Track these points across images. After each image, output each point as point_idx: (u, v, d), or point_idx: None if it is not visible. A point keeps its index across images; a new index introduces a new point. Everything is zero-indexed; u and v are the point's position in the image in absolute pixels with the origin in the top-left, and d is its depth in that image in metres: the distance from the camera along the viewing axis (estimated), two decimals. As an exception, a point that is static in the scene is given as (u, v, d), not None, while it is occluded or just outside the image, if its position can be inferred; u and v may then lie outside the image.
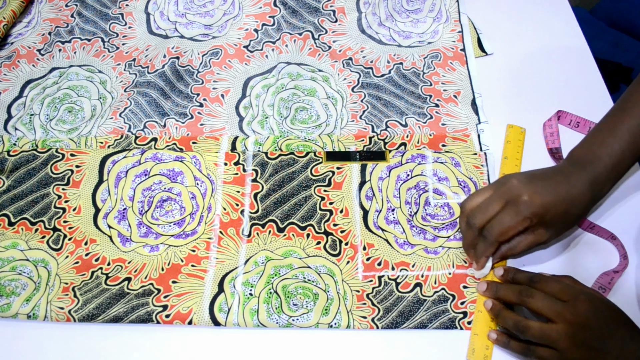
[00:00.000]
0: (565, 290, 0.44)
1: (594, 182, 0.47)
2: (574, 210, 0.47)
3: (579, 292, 0.44)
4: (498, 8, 0.70)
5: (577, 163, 0.48)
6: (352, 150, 0.58)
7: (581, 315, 0.42)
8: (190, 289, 0.50)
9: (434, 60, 0.65)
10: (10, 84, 0.63)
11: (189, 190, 0.55)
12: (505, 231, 0.46)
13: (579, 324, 0.42)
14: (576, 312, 0.42)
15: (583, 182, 0.47)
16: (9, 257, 0.51)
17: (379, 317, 0.48)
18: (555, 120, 0.58)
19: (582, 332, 0.42)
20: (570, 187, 0.46)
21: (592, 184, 0.47)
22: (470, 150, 0.58)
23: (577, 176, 0.47)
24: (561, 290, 0.44)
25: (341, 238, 0.53)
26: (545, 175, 0.47)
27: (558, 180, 0.47)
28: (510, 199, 0.46)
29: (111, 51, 0.66)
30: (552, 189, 0.46)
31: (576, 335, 0.42)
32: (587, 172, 0.47)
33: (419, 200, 0.55)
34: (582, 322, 0.42)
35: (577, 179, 0.47)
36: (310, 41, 0.67)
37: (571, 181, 0.47)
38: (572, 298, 0.43)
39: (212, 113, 0.61)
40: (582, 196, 0.46)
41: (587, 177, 0.47)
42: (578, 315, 0.42)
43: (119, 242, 0.52)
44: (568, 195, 0.46)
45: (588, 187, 0.47)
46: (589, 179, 0.47)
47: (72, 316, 0.48)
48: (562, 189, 0.46)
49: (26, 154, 0.57)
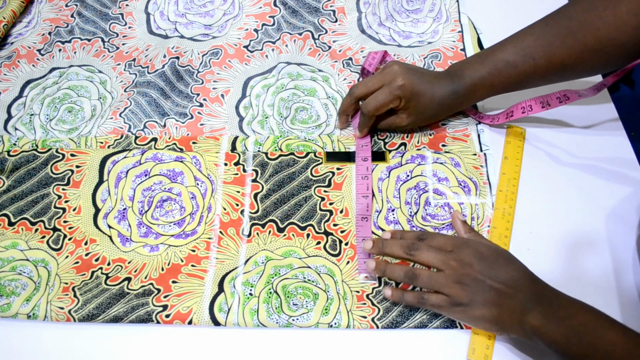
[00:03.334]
0: (449, 242, 0.47)
1: (454, 92, 0.54)
2: (434, 107, 0.55)
3: (462, 241, 0.47)
4: (498, 8, 0.70)
5: (449, 73, 0.55)
6: (352, 150, 0.58)
7: (464, 260, 0.45)
8: (190, 289, 0.50)
9: (434, 60, 0.65)
10: (10, 84, 0.64)
11: (189, 190, 0.55)
12: (379, 106, 0.54)
13: (463, 268, 0.45)
14: (460, 258, 0.45)
15: (447, 89, 0.54)
16: (9, 257, 0.51)
17: (379, 317, 0.48)
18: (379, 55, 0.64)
19: (467, 276, 0.45)
20: (437, 88, 0.54)
21: (452, 93, 0.54)
22: (470, 151, 0.58)
23: (444, 83, 0.54)
24: (446, 242, 0.47)
25: (341, 238, 0.53)
26: (423, 72, 0.55)
27: (430, 80, 0.54)
28: (388, 81, 0.54)
29: (111, 51, 0.66)
30: (423, 82, 0.54)
31: (462, 279, 0.45)
32: (452, 84, 0.54)
33: (419, 200, 0.55)
34: (466, 265, 0.45)
35: (444, 85, 0.54)
36: (310, 41, 0.67)
37: (440, 84, 0.54)
38: (456, 247, 0.46)
39: (212, 113, 0.61)
40: (442, 99, 0.54)
41: (450, 87, 0.54)
42: (462, 260, 0.45)
43: (119, 242, 0.52)
44: (432, 93, 0.54)
45: (449, 94, 0.54)
46: (452, 89, 0.54)
47: (72, 316, 0.48)
48: (430, 86, 0.54)
49: (26, 154, 0.57)
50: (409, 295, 0.47)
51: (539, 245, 0.53)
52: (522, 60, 0.52)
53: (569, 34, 0.50)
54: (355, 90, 0.56)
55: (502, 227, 0.53)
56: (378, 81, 0.54)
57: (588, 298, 0.44)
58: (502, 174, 0.56)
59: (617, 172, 0.57)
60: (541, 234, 0.53)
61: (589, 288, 0.50)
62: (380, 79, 0.54)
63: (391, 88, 0.53)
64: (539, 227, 0.54)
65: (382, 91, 0.54)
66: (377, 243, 0.50)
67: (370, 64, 0.63)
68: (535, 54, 0.52)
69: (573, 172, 0.57)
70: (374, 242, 0.50)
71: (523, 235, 0.53)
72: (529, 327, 0.43)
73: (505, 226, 0.53)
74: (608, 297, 0.49)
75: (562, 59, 0.51)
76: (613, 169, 0.57)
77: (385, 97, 0.53)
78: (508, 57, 0.52)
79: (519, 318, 0.43)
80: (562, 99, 0.55)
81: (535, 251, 0.52)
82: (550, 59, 0.51)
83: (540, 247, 0.52)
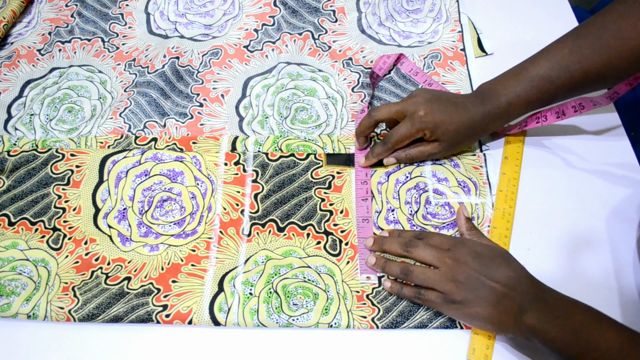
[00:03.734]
0: (447, 240, 0.48)
1: (486, 115, 0.53)
2: (464, 132, 0.53)
3: (460, 240, 0.48)
4: (498, 8, 0.70)
5: (479, 95, 0.54)
6: (352, 152, 0.58)
7: (460, 258, 0.46)
8: (190, 289, 0.50)
9: (434, 60, 0.65)
10: (10, 84, 0.64)
11: (189, 190, 0.55)
12: (401, 139, 0.53)
13: (459, 266, 0.45)
14: (455, 256, 0.46)
15: (477, 112, 0.53)
16: (9, 257, 0.51)
17: (379, 317, 0.48)
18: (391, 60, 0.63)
19: (462, 274, 0.45)
20: (464, 112, 0.52)
21: (484, 115, 0.53)
22: (470, 151, 0.58)
23: (473, 106, 0.53)
24: (443, 241, 0.48)
25: (341, 238, 0.53)
26: (448, 98, 0.53)
27: (457, 105, 0.53)
28: (410, 112, 0.52)
29: (111, 51, 0.66)
30: (447, 110, 0.52)
31: (456, 276, 0.45)
32: (483, 105, 0.53)
33: (420, 200, 0.55)
34: (462, 263, 0.45)
35: (473, 108, 0.53)
36: (310, 41, 0.67)
37: (468, 108, 0.53)
38: (453, 246, 0.47)
39: (212, 113, 0.61)
40: (473, 123, 0.53)
41: (482, 109, 0.53)
42: (457, 258, 0.46)
43: (119, 241, 0.52)
44: (459, 119, 0.52)
45: (481, 117, 0.53)
46: (483, 111, 0.52)
47: (72, 316, 0.48)
48: (456, 112, 0.52)
49: (26, 154, 0.57)
50: (406, 290, 0.48)
51: (539, 245, 0.53)
52: (557, 75, 0.51)
53: (604, 44, 0.50)
54: (377, 114, 0.54)
55: (502, 227, 0.53)
56: (401, 109, 0.53)
57: (588, 298, 0.44)
58: (502, 174, 0.56)
59: (617, 172, 0.57)
60: (541, 234, 0.53)
61: (589, 288, 0.50)
62: (402, 107, 0.53)
63: (413, 120, 0.52)
64: (539, 227, 0.54)
65: (404, 123, 0.53)
66: (378, 240, 0.51)
67: (380, 68, 0.63)
68: (571, 67, 0.51)
69: (573, 172, 0.57)
70: (374, 240, 0.51)
71: (523, 235, 0.53)
72: (526, 326, 0.43)
73: (505, 226, 0.53)
74: (608, 297, 0.49)
75: (598, 70, 0.50)
76: (613, 169, 0.57)
77: (407, 130, 0.53)
78: (543, 73, 0.51)
79: (516, 317, 0.43)
80: (577, 108, 0.55)
81: (535, 251, 0.52)
82: (586, 71, 0.50)
83: (540, 247, 0.52)
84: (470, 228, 0.51)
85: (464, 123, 0.52)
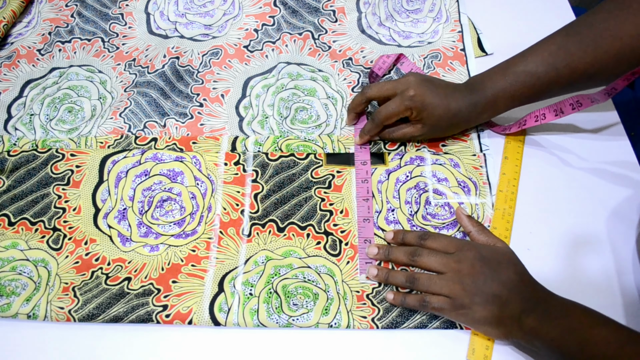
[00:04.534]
0: (451, 244, 0.48)
1: (472, 105, 0.54)
2: (448, 118, 0.54)
3: (465, 243, 0.48)
4: (498, 8, 0.70)
5: (468, 85, 0.55)
6: (352, 152, 0.58)
7: (466, 263, 0.46)
8: (190, 289, 0.50)
9: (434, 60, 0.65)
10: (10, 84, 0.64)
11: (189, 190, 0.55)
12: (390, 115, 0.54)
13: (465, 270, 0.45)
14: (461, 260, 0.46)
15: (464, 102, 0.54)
16: (9, 257, 0.51)
17: (379, 317, 0.48)
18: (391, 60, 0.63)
19: (468, 277, 0.45)
20: (452, 99, 0.53)
21: (470, 106, 0.54)
22: (470, 151, 0.58)
23: (462, 95, 0.54)
24: (448, 245, 0.48)
25: (341, 238, 0.53)
26: (439, 84, 0.54)
27: (447, 92, 0.54)
28: (401, 90, 0.53)
29: (111, 51, 0.66)
30: (436, 94, 0.53)
31: (463, 280, 0.45)
32: (471, 96, 0.54)
33: (420, 200, 0.55)
34: (468, 267, 0.45)
35: (461, 97, 0.54)
36: (310, 41, 0.67)
37: (456, 95, 0.54)
38: (458, 249, 0.47)
39: (212, 113, 0.61)
40: (458, 111, 0.54)
41: (469, 100, 0.54)
42: (463, 262, 0.46)
43: (119, 242, 0.52)
44: (447, 105, 0.53)
45: (466, 107, 0.54)
46: (470, 101, 0.54)
47: (72, 316, 0.48)
48: (445, 98, 0.53)
49: (26, 154, 0.57)
50: (410, 299, 0.48)
51: (539, 245, 0.53)
52: (544, 71, 0.51)
53: (591, 42, 0.50)
54: (369, 91, 0.56)
55: (502, 227, 0.53)
56: (392, 87, 0.54)
57: (588, 298, 0.44)
58: (502, 174, 0.56)
59: (617, 172, 0.57)
60: (541, 234, 0.53)
61: (589, 288, 0.50)
62: (394, 86, 0.54)
63: (402, 98, 0.53)
64: (539, 227, 0.54)
65: (394, 101, 0.54)
66: (382, 250, 0.50)
67: (380, 67, 0.63)
68: (558, 64, 0.51)
69: (573, 172, 0.57)
70: (378, 248, 0.51)
71: (523, 235, 0.53)
72: (528, 328, 0.43)
73: (505, 226, 0.53)
74: (608, 297, 0.50)
75: (584, 68, 0.51)
76: (613, 169, 0.57)
77: (396, 107, 0.54)
78: (530, 68, 0.52)
79: (519, 320, 0.43)
80: (575, 106, 0.54)
81: (535, 251, 0.52)
82: (573, 68, 0.51)
83: (540, 247, 0.52)
84: (475, 224, 0.50)
85: (450, 110, 0.53)
